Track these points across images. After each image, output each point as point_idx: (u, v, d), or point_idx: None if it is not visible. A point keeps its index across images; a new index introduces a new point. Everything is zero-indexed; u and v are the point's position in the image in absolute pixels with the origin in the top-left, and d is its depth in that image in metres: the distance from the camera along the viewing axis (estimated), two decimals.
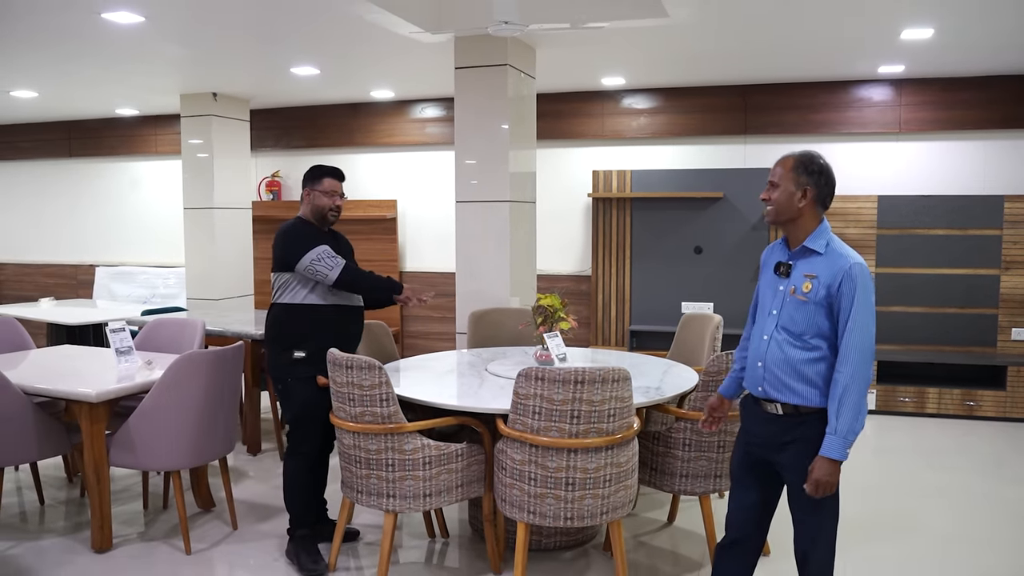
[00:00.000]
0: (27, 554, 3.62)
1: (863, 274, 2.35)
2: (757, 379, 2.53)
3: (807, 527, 2.49)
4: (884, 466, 5.01)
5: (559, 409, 2.88)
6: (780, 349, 2.45)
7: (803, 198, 2.43)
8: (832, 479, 2.33)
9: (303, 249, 3.41)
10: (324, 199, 3.53)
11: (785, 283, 2.48)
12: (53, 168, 9.21)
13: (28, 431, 3.59)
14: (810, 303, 2.39)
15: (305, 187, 3.58)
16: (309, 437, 3.49)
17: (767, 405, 2.51)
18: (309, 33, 4.96)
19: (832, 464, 2.32)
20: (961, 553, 3.65)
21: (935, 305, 6.27)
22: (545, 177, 6.98)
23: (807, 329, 2.41)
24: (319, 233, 3.55)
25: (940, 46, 5.32)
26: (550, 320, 3.86)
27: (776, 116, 6.71)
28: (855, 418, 2.31)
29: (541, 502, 2.96)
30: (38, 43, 5.13)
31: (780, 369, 2.45)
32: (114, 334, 4.04)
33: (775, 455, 2.50)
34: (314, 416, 3.47)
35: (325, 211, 3.54)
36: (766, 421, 2.52)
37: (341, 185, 3.60)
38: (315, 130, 8.00)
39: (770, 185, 2.49)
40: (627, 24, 4.62)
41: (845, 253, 2.40)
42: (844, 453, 2.31)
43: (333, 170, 3.61)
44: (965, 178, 6.43)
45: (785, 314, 2.45)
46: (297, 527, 3.51)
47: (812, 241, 2.44)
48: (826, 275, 2.38)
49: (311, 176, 3.58)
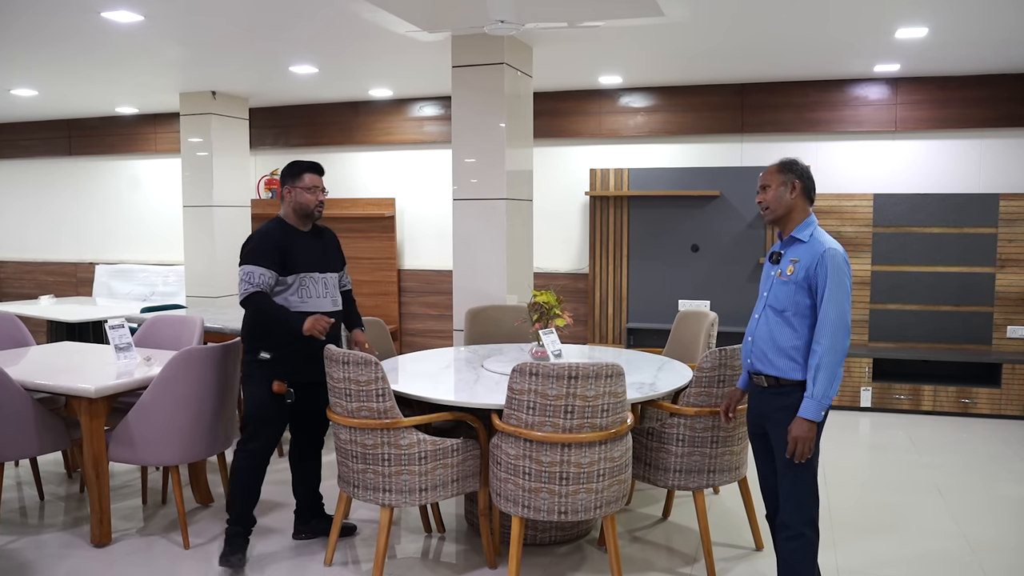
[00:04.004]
0: (27, 549, 3.65)
1: (835, 258, 2.67)
2: (747, 353, 2.89)
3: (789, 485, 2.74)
4: (879, 463, 5.04)
5: (553, 404, 2.91)
6: (767, 325, 2.79)
7: (793, 190, 2.79)
8: (808, 436, 2.64)
9: (245, 259, 3.36)
10: (307, 195, 3.44)
11: (775, 268, 2.82)
12: (53, 166, 9.24)
13: (28, 426, 3.62)
14: (791, 283, 2.72)
15: (284, 185, 3.48)
16: (256, 437, 3.44)
17: (755, 378, 2.84)
18: (308, 32, 4.98)
19: (808, 424, 2.64)
20: (956, 550, 3.67)
21: (931, 303, 6.30)
22: (542, 175, 7.00)
23: (788, 306, 2.73)
24: (294, 235, 3.45)
25: (935, 45, 5.35)
26: (546, 317, 3.89)
27: (772, 115, 6.74)
28: (829, 384, 2.62)
29: (535, 496, 2.99)
30: (38, 42, 5.16)
31: (765, 344, 2.78)
32: (113, 331, 4.07)
33: (766, 424, 2.82)
34: (264, 418, 3.43)
35: (311, 208, 3.46)
36: (758, 393, 2.86)
37: (321, 179, 3.51)
38: (314, 128, 8.03)
39: (762, 189, 2.84)
40: (623, 23, 4.64)
41: (823, 240, 2.73)
42: (819, 415, 2.63)
43: (312, 164, 3.51)
44: (961, 176, 6.45)
45: (772, 294, 2.79)
46: (234, 523, 3.44)
47: (799, 231, 2.79)
48: (806, 259, 2.71)
49: (290, 173, 3.48)
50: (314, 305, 3.44)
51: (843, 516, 4.05)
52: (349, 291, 3.78)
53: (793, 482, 2.73)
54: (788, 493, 2.75)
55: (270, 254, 3.35)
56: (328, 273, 3.54)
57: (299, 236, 3.47)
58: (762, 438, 2.89)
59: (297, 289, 3.42)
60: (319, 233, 3.59)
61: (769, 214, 2.83)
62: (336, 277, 3.61)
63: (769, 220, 2.85)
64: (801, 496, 2.73)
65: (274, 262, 3.35)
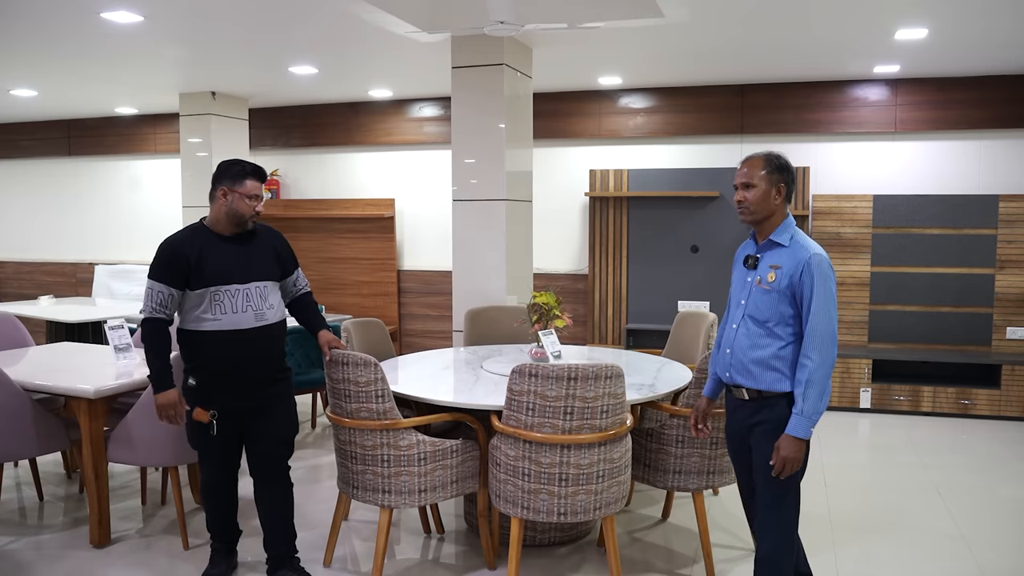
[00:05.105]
0: (26, 549, 3.65)
1: (821, 264, 2.49)
2: (725, 365, 2.70)
3: (768, 507, 2.60)
4: (879, 464, 5.04)
5: (552, 405, 2.90)
6: (747, 336, 2.60)
7: (778, 195, 2.59)
8: (797, 455, 2.48)
9: (151, 273, 3.00)
10: (245, 203, 3.03)
11: (753, 274, 2.63)
12: (53, 166, 9.24)
13: (27, 427, 3.62)
14: (774, 292, 2.54)
15: (220, 186, 3.04)
16: (202, 466, 3.25)
17: (735, 391, 2.68)
18: (308, 33, 4.98)
19: (797, 442, 2.47)
20: (955, 551, 3.67)
21: (930, 304, 6.29)
22: (542, 176, 7.00)
23: (771, 317, 2.55)
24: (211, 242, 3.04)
25: (935, 46, 5.35)
26: (545, 318, 3.89)
27: (772, 115, 6.74)
28: (819, 399, 2.47)
29: (535, 498, 2.99)
30: (38, 42, 5.16)
31: (745, 356, 2.60)
32: (113, 331, 4.08)
33: (748, 438, 2.65)
34: (198, 446, 3.20)
35: (246, 217, 3.06)
36: (736, 407, 2.70)
37: (262, 187, 3.10)
38: (313, 129, 8.03)
39: (742, 187, 2.60)
40: (623, 24, 4.64)
41: (806, 245, 2.55)
42: (808, 432, 2.47)
43: (256, 169, 3.10)
44: (960, 177, 6.45)
45: (752, 303, 2.60)
46: (213, 539, 3.37)
47: (778, 235, 2.60)
48: (789, 265, 2.53)
49: (230, 175, 3.05)
50: (230, 322, 3.02)
51: (842, 517, 4.05)
52: (306, 294, 3.38)
53: (777, 500, 2.57)
54: (768, 512, 2.59)
55: (172, 268, 2.97)
56: (254, 283, 3.08)
57: (217, 243, 3.05)
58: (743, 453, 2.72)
59: (209, 305, 3.00)
60: (247, 236, 3.14)
61: (748, 216, 2.60)
62: (267, 286, 3.14)
63: (747, 221, 2.63)
64: (783, 515, 2.57)
65: (176, 277, 2.97)
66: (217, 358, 3.05)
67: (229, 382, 3.08)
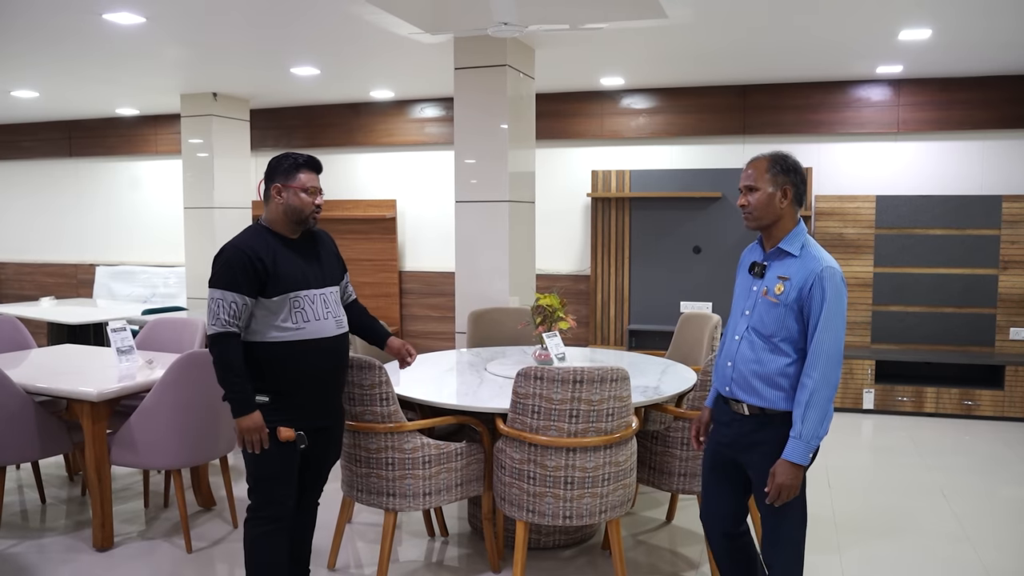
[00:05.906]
0: (28, 552, 3.64)
1: (834, 278, 2.30)
2: (726, 379, 2.51)
3: (772, 530, 2.43)
4: (882, 465, 5.03)
5: (558, 408, 2.89)
6: (750, 350, 2.42)
7: (784, 198, 2.39)
8: (794, 483, 2.29)
9: (213, 281, 2.68)
10: (303, 198, 2.76)
11: (759, 284, 2.44)
12: (54, 167, 9.23)
13: (29, 430, 3.61)
14: (781, 305, 2.35)
15: (274, 183, 2.77)
16: (268, 502, 2.79)
17: (734, 405, 2.48)
18: (309, 33, 4.97)
19: (795, 468, 2.29)
20: (959, 552, 3.66)
21: (933, 305, 6.29)
22: (544, 177, 6.99)
23: (776, 331, 2.36)
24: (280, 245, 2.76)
25: (938, 46, 5.34)
26: (549, 320, 3.88)
27: (775, 116, 6.73)
28: (820, 423, 2.27)
29: (540, 501, 2.97)
30: (39, 43, 5.15)
31: (748, 370, 2.41)
32: (115, 333, 4.06)
33: (742, 455, 2.48)
34: (272, 474, 2.76)
35: (307, 215, 2.78)
36: (733, 421, 2.50)
37: (318, 178, 2.84)
38: (315, 130, 8.02)
39: (746, 190, 2.42)
40: (626, 25, 4.63)
41: (819, 256, 2.35)
42: (807, 458, 2.29)
43: (309, 160, 2.82)
44: (963, 178, 6.44)
45: (756, 315, 2.42)
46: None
47: (788, 243, 2.40)
48: (798, 277, 2.33)
49: (281, 170, 2.78)
50: (315, 330, 2.75)
51: (846, 519, 4.04)
52: (355, 300, 3.14)
53: (785, 527, 2.40)
54: (780, 536, 2.40)
55: (247, 273, 2.65)
56: (328, 288, 2.85)
57: (286, 246, 2.77)
58: (728, 467, 2.53)
59: (290, 313, 2.71)
60: (312, 239, 2.89)
61: (753, 221, 2.41)
62: (336, 291, 2.91)
63: (752, 227, 2.44)
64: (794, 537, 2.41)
65: (251, 285, 2.66)
66: (300, 371, 2.73)
67: (314, 396, 2.80)
